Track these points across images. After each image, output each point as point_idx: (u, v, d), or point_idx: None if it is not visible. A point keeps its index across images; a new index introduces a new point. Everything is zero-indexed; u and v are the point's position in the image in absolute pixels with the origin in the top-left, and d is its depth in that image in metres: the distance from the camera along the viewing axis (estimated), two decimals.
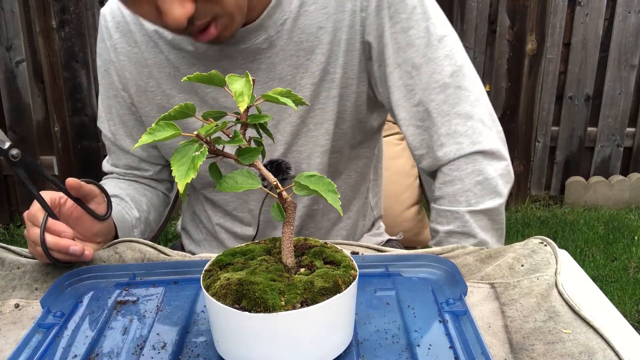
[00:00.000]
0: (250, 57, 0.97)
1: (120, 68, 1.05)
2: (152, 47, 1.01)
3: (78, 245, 0.84)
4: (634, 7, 2.99)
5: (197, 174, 0.58)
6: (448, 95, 0.96)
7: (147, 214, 1.12)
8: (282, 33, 0.95)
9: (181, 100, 1.01)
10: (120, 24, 1.03)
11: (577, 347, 0.66)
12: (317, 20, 0.95)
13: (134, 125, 1.09)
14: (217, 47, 0.96)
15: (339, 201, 0.61)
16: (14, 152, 0.82)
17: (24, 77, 2.87)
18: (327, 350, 0.64)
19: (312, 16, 0.95)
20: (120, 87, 1.06)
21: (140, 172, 1.13)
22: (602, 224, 3.00)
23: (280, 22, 0.95)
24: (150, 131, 0.59)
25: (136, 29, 1.02)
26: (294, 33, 0.96)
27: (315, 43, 0.96)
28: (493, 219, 0.98)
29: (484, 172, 0.96)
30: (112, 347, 0.69)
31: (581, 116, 3.15)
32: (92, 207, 0.91)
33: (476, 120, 0.97)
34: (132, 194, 1.10)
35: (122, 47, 1.04)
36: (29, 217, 0.86)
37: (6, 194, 3.06)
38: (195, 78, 0.62)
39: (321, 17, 0.95)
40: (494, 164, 0.97)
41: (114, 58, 1.05)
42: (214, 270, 0.67)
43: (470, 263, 0.86)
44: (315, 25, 0.95)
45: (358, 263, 0.68)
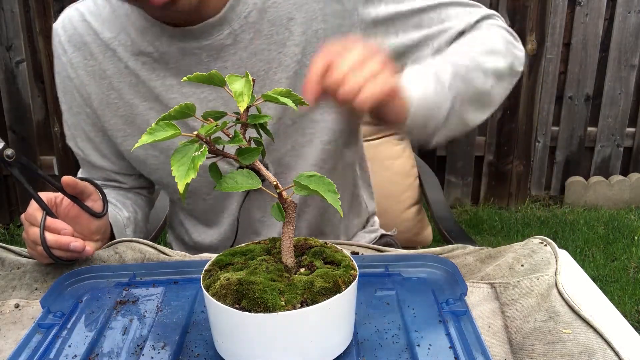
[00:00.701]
0: (214, 53, 0.93)
1: (80, 84, 1.01)
2: (109, 57, 0.97)
3: (79, 241, 0.84)
4: (634, 7, 2.99)
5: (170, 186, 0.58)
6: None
7: (135, 214, 1.10)
8: (247, 26, 0.92)
9: (145, 109, 0.98)
10: (73, 37, 0.99)
11: (577, 347, 0.66)
12: (286, 12, 0.92)
13: (101, 141, 1.05)
14: (178, 44, 0.93)
15: (339, 201, 0.61)
16: (8, 152, 0.82)
17: (24, 77, 2.87)
18: (327, 350, 0.64)
19: (280, 7, 0.92)
20: (83, 103, 1.02)
21: (118, 184, 1.11)
22: (602, 224, 3.00)
23: (244, 15, 0.92)
24: (150, 131, 0.59)
25: (91, 40, 0.98)
26: (262, 26, 0.92)
27: (287, 35, 0.93)
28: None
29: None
30: (112, 347, 0.69)
31: (581, 116, 3.15)
32: (88, 204, 0.91)
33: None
34: (117, 197, 1.09)
35: (78, 61, 0.99)
36: (27, 218, 0.85)
37: (6, 194, 3.06)
38: (195, 78, 0.62)
39: (290, 7, 0.92)
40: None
41: (72, 74, 1.01)
42: (214, 270, 0.67)
43: (470, 263, 0.86)
44: (285, 16, 0.93)
45: (358, 263, 0.68)
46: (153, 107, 0.98)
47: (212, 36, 0.92)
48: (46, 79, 2.88)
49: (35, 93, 2.91)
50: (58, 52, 1.02)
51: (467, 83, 0.90)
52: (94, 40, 0.98)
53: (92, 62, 0.99)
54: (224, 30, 0.92)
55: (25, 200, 3.28)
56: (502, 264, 0.83)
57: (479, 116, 0.95)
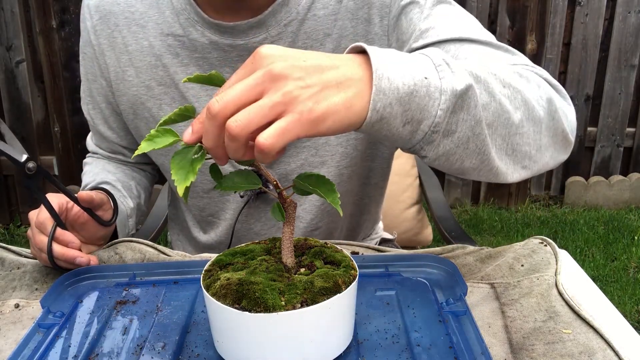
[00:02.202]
0: (244, 54, 0.91)
1: (99, 52, 0.98)
2: (135, 32, 0.95)
3: (84, 257, 0.85)
4: (634, 7, 2.99)
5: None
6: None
7: (139, 199, 1.09)
8: (284, 35, 0.90)
9: (160, 92, 0.96)
10: (102, 4, 0.96)
11: (577, 347, 0.66)
12: (325, 27, 0.90)
13: (110, 114, 1.04)
14: (211, 36, 0.91)
15: (339, 200, 0.61)
16: (30, 166, 0.83)
17: (24, 77, 2.87)
18: (327, 350, 0.64)
19: (320, 21, 0.90)
20: (99, 72, 1.01)
21: (124, 157, 1.10)
22: (602, 224, 3.00)
23: (284, 23, 0.89)
24: (150, 138, 0.59)
25: (119, 10, 0.95)
26: (298, 37, 0.90)
27: (321, 51, 0.88)
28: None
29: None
30: (112, 347, 0.69)
31: (581, 116, 3.15)
32: (98, 213, 0.91)
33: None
34: (122, 179, 1.07)
35: (102, 29, 0.97)
36: (37, 225, 0.86)
37: (6, 194, 3.06)
38: (195, 79, 0.62)
39: (329, 23, 0.90)
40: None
41: (93, 41, 0.98)
42: (214, 270, 0.67)
43: (470, 263, 0.86)
44: (322, 31, 0.91)
45: (358, 263, 0.68)
46: (168, 93, 0.96)
47: (247, 37, 0.90)
48: (46, 79, 2.88)
49: (35, 93, 2.91)
50: (84, 14, 1.00)
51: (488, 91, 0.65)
52: (123, 11, 0.96)
53: (115, 33, 0.97)
54: (261, 34, 0.90)
55: (26, 200, 3.27)
56: (502, 264, 0.83)
57: (502, 157, 0.69)
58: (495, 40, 0.82)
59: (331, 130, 0.57)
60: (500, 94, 0.66)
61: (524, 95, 0.69)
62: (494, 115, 0.66)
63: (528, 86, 0.71)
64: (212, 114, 0.54)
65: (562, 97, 0.77)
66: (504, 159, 0.69)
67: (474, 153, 0.66)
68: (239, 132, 0.53)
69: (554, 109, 0.73)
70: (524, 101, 0.69)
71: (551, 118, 0.73)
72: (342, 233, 1.10)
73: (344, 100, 0.56)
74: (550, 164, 0.76)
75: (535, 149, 0.71)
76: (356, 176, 1.02)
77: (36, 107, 2.93)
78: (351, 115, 0.57)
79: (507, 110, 0.67)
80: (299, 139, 0.65)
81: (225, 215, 1.04)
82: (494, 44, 0.82)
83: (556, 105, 0.73)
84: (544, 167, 0.75)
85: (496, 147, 0.68)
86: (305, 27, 0.90)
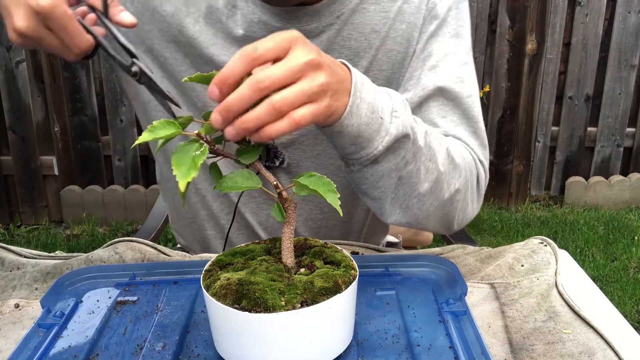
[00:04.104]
0: None
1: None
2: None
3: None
4: (634, 7, 2.99)
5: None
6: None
7: None
8: (333, 26, 0.89)
9: (196, 32, 0.89)
10: None
11: (577, 347, 0.66)
12: (373, 22, 0.90)
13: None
14: (262, 16, 0.87)
15: (339, 200, 0.61)
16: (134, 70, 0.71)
17: (24, 77, 2.87)
18: (327, 350, 0.64)
19: (369, 16, 0.90)
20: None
21: None
22: (602, 224, 3.00)
23: (336, 15, 0.89)
24: (152, 129, 0.59)
25: None
26: (345, 27, 0.90)
27: (364, 45, 0.90)
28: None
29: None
30: (112, 347, 0.69)
31: (581, 116, 3.15)
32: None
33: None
34: None
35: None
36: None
37: (6, 194, 3.06)
38: (195, 78, 0.62)
39: (378, 19, 0.90)
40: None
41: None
42: (214, 270, 0.67)
43: (470, 263, 0.86)
44: (370, 26, 0.90)
45: (358, 263, 0.68)
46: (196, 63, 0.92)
47: (299, 23, 0.89)
48: (46, 79, 2.88)
49: (35, 93, 2.91)
50: None
51: (414, 153, 0.76)
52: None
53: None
54: (313, 23, 0.89)
55: (26, 200, 3.27)
56: (502, 264, 0.83)
57: (394, 205, 0.81)
58: (477, 106, 0.92)
59: (326, 124, 0.69)
60: (422, 163, 0.77)
61: (440, 177, 0.80)
62: (408, 173, 0.77)
63: (452, 172, 0.82)
64: (261, 86, 0.59)
65: (478, 193, 0.89)
66: (395, 207, 0.81)
67: (378, 188, 0.78)
68: (282, 107, 0.60)
69: (457, 199, 0.84)
70: (437, 180, 0.80)
71: (450, 204, 0.83)
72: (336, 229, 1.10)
73: (342, 106, 0.67)
74: (429, 229, 0.88)
75: (423, 215, 0.82)
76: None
77: (36, 107, 2.93)
78: (338, 118, 0.68)
79: (420, 178, 0.78)
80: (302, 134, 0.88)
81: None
82: (473, 118, 0.91)
83: (461, 198, 0.85)
84: (423, 228, 0.88)
85: (395, 195, 0.79)
86: (354, 18, 0.90)
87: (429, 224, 0.86)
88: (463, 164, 0.85)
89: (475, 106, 0.92)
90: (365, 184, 0.79)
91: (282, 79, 0.60)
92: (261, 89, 0.59)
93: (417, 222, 0.84)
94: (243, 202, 1.01)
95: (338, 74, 0.66)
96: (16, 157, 2.98)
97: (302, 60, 0.61)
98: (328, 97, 0.64)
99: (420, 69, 0.91)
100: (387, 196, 0.80)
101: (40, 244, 2.84)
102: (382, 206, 0.82)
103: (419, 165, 0.78)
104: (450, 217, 0.86)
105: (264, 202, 1.01)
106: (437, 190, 0.81)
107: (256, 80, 0.59)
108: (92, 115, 2.92)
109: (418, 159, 0.77)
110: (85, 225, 3.01)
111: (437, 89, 0.89)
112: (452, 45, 0.92)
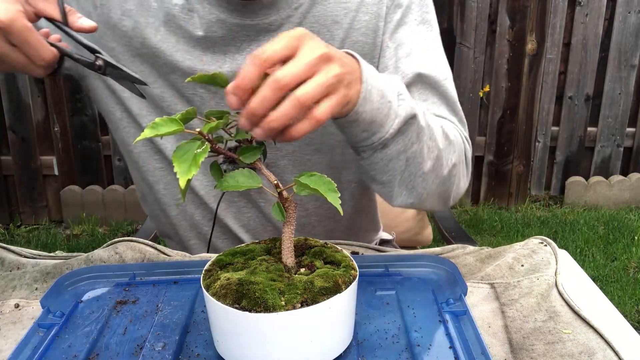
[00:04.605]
0: (252, 35, 0.89)
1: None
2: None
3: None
4: (634, 7, 2.99)
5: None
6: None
7: None
8: (293, 17, 0.90)
9: (158, 41, 0.89)
10: None
11: (577, 347, 0.66)
12: (333, 13, 0.91)
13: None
14: (219, 14, 0.88)
15: (339, 200, 0.61)
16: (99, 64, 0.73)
17: (24, 77, 2.86)
18: (327, 350, 0.64)
19: (330, 7, 0.91)
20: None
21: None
22: (602, 224, 3.00)
23: (294, 6, 0.89)
24: (154, 126, 0.59)
25: None
26: (306, 19, 0.90)
27: (327, 37, 0.91)
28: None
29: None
30: (112, 347, 0.69)
31: (581, 116, 3.15)
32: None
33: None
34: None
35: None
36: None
37: (6, 194, 3.06)
38: (198, 78, 0.63)
39: (339, 11, 0.91)
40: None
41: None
42: (214, 270, 0.67)
43: (470, 263, 0.86)
44: (330, 18, 0.91)
45: (358, 263, 0.68)
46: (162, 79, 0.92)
47: (257, 17, 0.89)
48: (46, 79, 2.88)
49: (35, 93, 2.91)
50: None
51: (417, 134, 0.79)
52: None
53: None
54: (271, 16, 0.89)
55: (26, 200, 3.26)
56: (502, 264, 0.83)
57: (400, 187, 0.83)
58: (452, 87, 0.96)
59: (342, 114, 0.70)
60: (424, 142, 0.80)
61: (440, 153, 0.83)
62: (413, 153, 0.79)
63: (448, 148, 0.85)
64: (281, 85, 0.61)
65: (467, 167, 0.94)
66: (402, 189, 0.83)
67: (387, 172, 0.80)
68: (306, 101, 0.62)
69: (454, 174, 0.88)
70: (438, 158, 0.83)
71: (448, 179, 0.87)
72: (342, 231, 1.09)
73: (356, 95, 0.69)
74: (427, 207, 0.92)
75: (426, 194, 0.85)
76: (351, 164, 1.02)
77: (36, 107, 2.93)
78: (350, 108, 0.69)
79: (424, 157, 0.81)
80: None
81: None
82: (451, 98, 0.95)
83: (457, 172, 0.89)
84: (423, 207, 0.92)
85: (402, 177, 0.81)
86: (314, 11, 0.91)
87: (428, 202, 0.88)
88: (455, 139, 0.89)
89: (451, 88, 0.96)
90: (374, 170, 0.81)
91: (299, 75, 0.61)
92: (281, 87, 0.61)
93: (420, 202, 0.86)
94: (223, 207, 1.01)
95: (348, 64, 0.67)
96: (16, 157, 2.98)
97: (315, 54, 0.62)
98: (343, 87, 0.65)
99: (395, 58, 0.93)
100: (395, 179, 0.82)
101: (40, 244, 2.84)
102: (390, 189, 0.83)
103: (422, 145, 0.80)
104: (448, 192, 0.89)
105: (244, 206, 1.02)
106: (438, 167, 0.84)
107: (275, 79, 0.61)
108: (92, 115, 2.92)
109: (421, 138, 0.79)
110: (85, 225, 3.01)
111: (416, 75, 0.92)
112: (421, 32, 0.95)
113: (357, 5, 0.92)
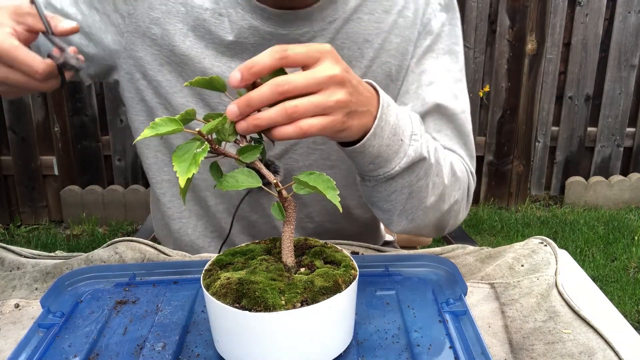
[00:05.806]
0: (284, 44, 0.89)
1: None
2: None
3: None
4: (634, 7, 2.99)
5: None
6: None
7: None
8: (326, 32, 0.89)
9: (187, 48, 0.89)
10: None
11: (577, 347, 0.66)
12: (366, 32, 0.90)
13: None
14: (252, 21, 0.87)
15: (338, 197, 0.61)
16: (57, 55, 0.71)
17: None
18: (327, 350, 0.64)
19: (363, 25, 0.90)
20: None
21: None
22: (602, 224, 3.00)
23: (329, 20, 0.89)
24: (153, 125, 0.59)
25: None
26: (339, 35, 0.90)
27: (357, 54, 0.91)
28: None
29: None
30: (112, 347, 0.69)
31: (581, 116, 3.15)
32: None
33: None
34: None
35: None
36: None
37: (6, 194, 3.06)
38: (196, 83, 0.63)
39: (372, 30, 0.91)
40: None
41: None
42: (214, 269, 0.67)
43: (470, 263, 0.86)
44: (362, 36, 0.90)
45: (358, 263, 0.68)
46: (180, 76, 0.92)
47: (291, 27, 0.88)
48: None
49: (35, 93, 2.91)
50: None
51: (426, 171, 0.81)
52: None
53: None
54: (304, 27, 0.88)
55: (26, 200, 3.26)
56: (502, 264, 0.83)
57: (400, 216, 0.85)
58: (468, 121, 0.97)
59: (334, 138, 0.71)
60: (431, 178, 0.82)
61: (444, 190, 0.85)
62: (418, 188, 0.81)
63: (454, 185, 0.87)
64: (280, 90, 0.61)
65: (468, 200, 0.95)
66: (402, 219, 0.85)
67: (389, 202, 0.82)
68: (294, 113, 0.62)
69: (455, 209, 0.90)
70: (442, 194, 0.85)
71: (447, 213, 0.89)
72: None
73: (358, 126, 0.69)
74: (423, 234, 0.94)
75: (424, 224, 0.87)
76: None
77: (36, 107, 2.93)
78: (352, 136, 0.70)
79: (428, 192, 0.82)
80: (315, 141, 0.94)
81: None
82: (465, 132, 0.96)
83: (458, 207, 0.91)
84: (419, 234, 0.93)
85: (404, 208, 0.83)
86: (347, 27, 0.90)
87: (425, 231, 0.90)
88: (462, 175, 0.90)
89: (467, 121, 0.96)
90: (376, 197, 0.82)
91: (301, 87, 0.62)
92: (280, 92, 0.61)
93: (418, 230, 0.89)
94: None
95: (361, 94, 0.67)
96: (16, 157, 2.98)
97: (327, 73, 0.63)
98: (343, 114, 0.65)
99: (417, 84, 0.93)
100: (396, 209, 0.83)
101: (40, 244, 2.84)
102: (390, 217, 0.85)
103: (429, 181, 0.82)
104: (445, 223, 0.91)
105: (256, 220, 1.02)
106: (441, 202, 0.86)
107: (277, 83, 0.61)
108: (92, 115, 2.93)
109: (428, 175, 0.81)
110: (85, 225, 3.01)
111: (435, 105, 0.92)
112: (446, 63, 0.95)
113: (390, 27, 0.91)
